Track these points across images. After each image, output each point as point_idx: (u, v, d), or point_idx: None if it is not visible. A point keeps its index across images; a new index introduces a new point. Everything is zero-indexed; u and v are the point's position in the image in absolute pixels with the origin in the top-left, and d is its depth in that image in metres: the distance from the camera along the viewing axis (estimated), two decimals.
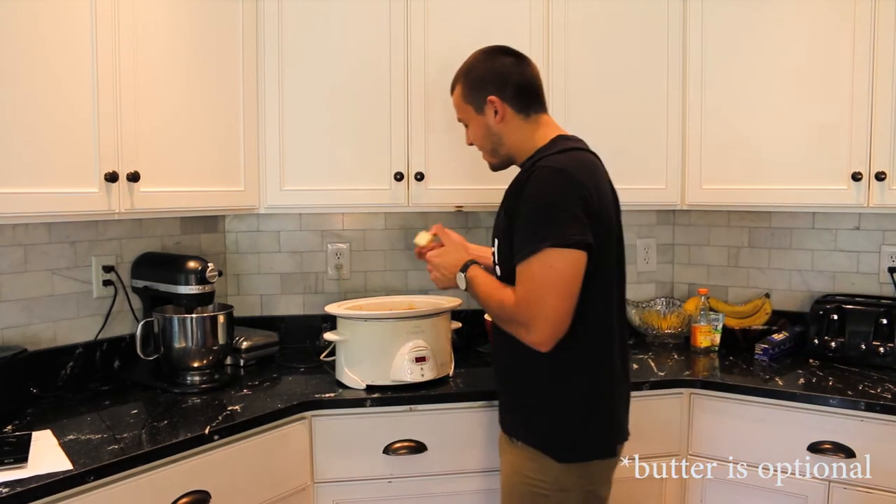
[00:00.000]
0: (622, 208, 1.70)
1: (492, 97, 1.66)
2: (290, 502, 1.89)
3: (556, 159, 1.55)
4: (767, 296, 2.61)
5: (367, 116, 2.25)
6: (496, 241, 1.66)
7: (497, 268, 1.67)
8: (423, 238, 1.88)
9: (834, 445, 1.94)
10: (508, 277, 1.59)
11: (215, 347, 2.07)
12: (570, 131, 2.33)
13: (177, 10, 1.97)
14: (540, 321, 1.47)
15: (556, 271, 1.46)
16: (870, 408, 1.89)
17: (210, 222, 2.49)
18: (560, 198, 1.48)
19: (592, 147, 1.69)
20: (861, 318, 2.30)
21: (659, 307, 2.69)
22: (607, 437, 1.63)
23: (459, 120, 1.80)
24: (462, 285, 1.70)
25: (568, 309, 1.48)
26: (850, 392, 1.97)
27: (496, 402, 2.02)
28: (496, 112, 1.66)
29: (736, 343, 2.49)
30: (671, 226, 2.82)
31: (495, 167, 1.78)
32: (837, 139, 2.18)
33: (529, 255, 1.48)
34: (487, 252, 1.92)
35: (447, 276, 1.75)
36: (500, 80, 1.66)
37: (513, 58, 1.69)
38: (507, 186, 1.87)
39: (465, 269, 1.70)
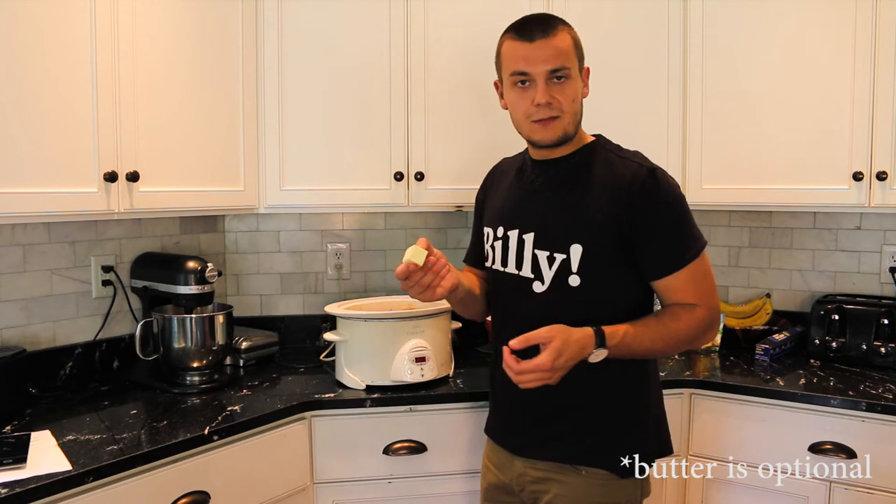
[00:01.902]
0: None
1: (588, 67, 1.56)
2: (289, 502, 1.89)
3: (649, 161, 1.52)
4: (768, 296, 2.61)
5: (367, 116, 2.25)
6: (577, 247, 1.47)
7: (574, 276, 1.48)
8: (418, 255, 1.45)
9: (835, 446, 1.93)
10: (591, 284, 1.47)
11: (215, 347, 2.07)
12: None
13: (176, 9, 1.96)
14: (719, 318, 1.54)
15: (711, 267, 1.52)
16: (871, 408, 1.89)
17: (210, 222, 2.49)
18: (686, 201, 1.52)
19: None
20: (862, 318, 2.30)
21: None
22: (669, 438, 1.65)
23: (555, 70, 1.47)
24: (599, 358, 1.42)
25: None
26: (851, 392, 1.97)
27: None
28: (587, 83, 1.55)
29: (736, 343, 2.48)
30: None
31: (557, 142, 1.51)
32: (838, 139, 2.18)
33: (694, 258, 1.47)
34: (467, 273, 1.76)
35: (573, 362, 1.40)
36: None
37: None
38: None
39: (600, 342, 1.41)
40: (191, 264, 2.03)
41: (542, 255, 1.51)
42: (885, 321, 2.25)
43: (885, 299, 2.38)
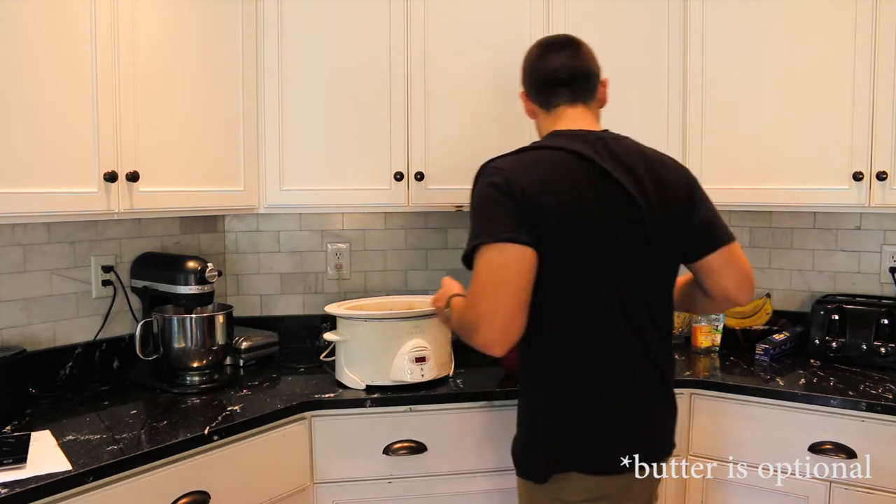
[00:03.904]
0: None
1: (522, 91, 1.69)
2: (290, 502, 1.89)
3: (499, 160, 1.51)
4: (768, 296, 2.61)
5: (367, 116, 2.25)
6: None
7: None
8: None
9: (835, 446, 1.93)
10: None
11: (215, 347, 2.07)
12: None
13: (176, 9, 1.96)
14: (485, 319, 1.38)
15: (494, 266, 1.39)
16: (871, 408, 1.89)
17: (210, 222, 2.49)
18: (489, 197, 1.43)
19: None
20: (862, 318, 2.30)
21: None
22: (546, 459, 1.50)
23: None
24: (446, 319, 1.68)
25: (515, 305, 1.38)
26: (851, 392, 1.97)
27: (496, 403, 2.03)
28: (527, 108, 1.69)
29: (736, 343, 2.48)
30: None
31: None
32: (839, 139, 2.18)
33: (468, 259, 1.44)
34: None
35: (442, 315, 1.70)
36: (525, 75, 1.66)
37: (540, 51, 1.63)
38: None
39: (447, 304, 1.64)
40: (191, 264, 2.03)
41: None
42: (885, 321, 2.25)
43: (885, 299, 2.38)
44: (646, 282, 1.51)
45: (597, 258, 1.45)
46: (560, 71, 1.59)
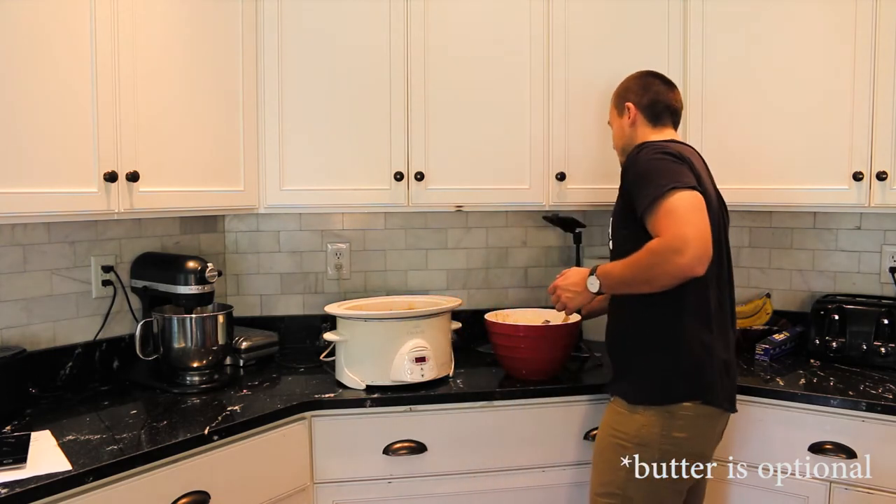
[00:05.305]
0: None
1: (629, 103, 1.95)
2: (289, 503, 1.89)
3: (657, 142, 1.80)
4: (768, 296, 2.61)
5: (367, 116, 2.25)
6: (611, 220, 1.87)
7: (610, 242, 1.88)
8: None
9: (835, 446, 1.93)
10: (619, 251, 1.79)
11: (215, 347, 2.07)
12: (570, 130, 2.35)
13: (176, 9, 1.96)
14: (689, 241, 1.56)
15: (687, 202, 1.61)
16: (871, 408, 1.89)
17: (209, 222, 2.49)
18: (669, 159, 1.69)
19: (591, 146, 1.69)
20: (862, 318, 2.30)
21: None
22: (684, 386, 1.73)
23: (609, 123, 2.07)
24: (595, 287, 1.77)
25: (708, 229, 1.59)
26: (851, 392, 1.97)
27: (496, 403, 2.03)
28: (629, 116, 1.94)
29: (736, 343, 2.48)
30: None
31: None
32: (838, 139, 2.18)
33: (658, 201, 1.61)
34: None
35: (577, 290, 1.84)
36: (639, 93, 1.95)
37: (655, 79, 1.97)
38: (503, 186, 2.21)
39: (592, 271, 1.78)
40: (191, 264, 2.03)
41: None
42: (885, 321, 2.25)
43: (885, 299, 2.38)
44: (725, 274, 1.84)
45: (719, 233, 1.77)
46: (676, 102, 1.96)
